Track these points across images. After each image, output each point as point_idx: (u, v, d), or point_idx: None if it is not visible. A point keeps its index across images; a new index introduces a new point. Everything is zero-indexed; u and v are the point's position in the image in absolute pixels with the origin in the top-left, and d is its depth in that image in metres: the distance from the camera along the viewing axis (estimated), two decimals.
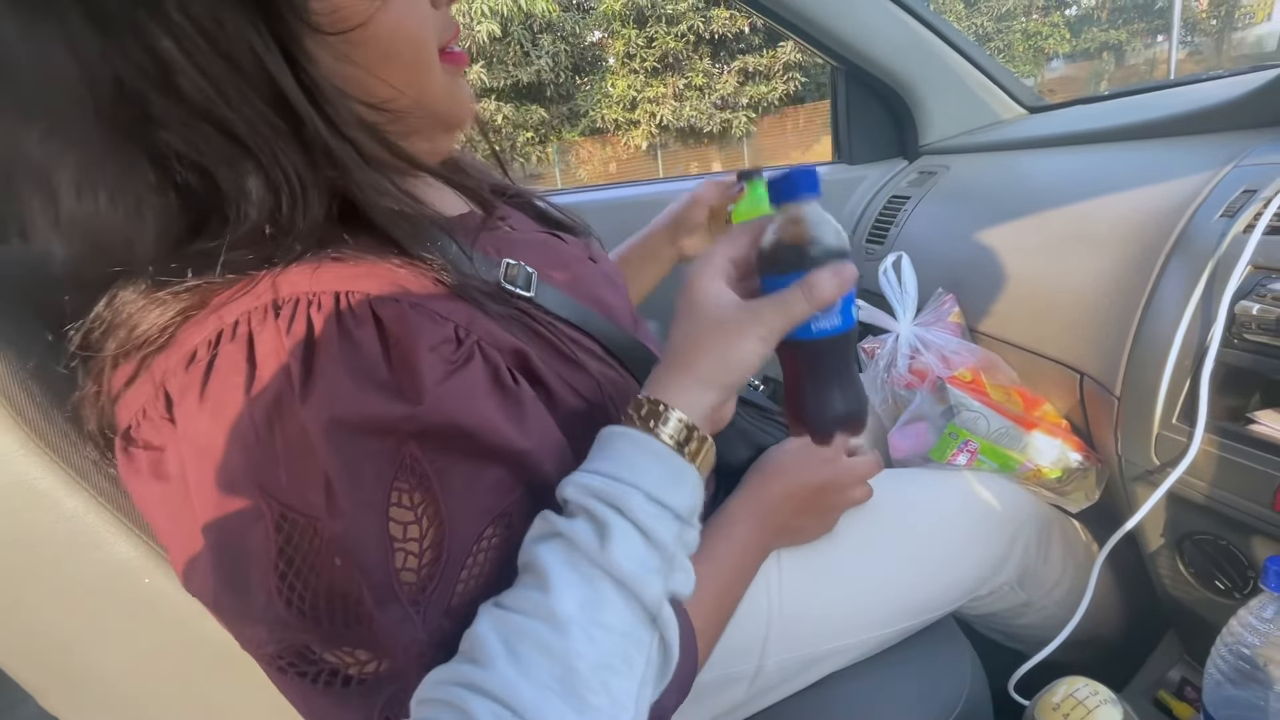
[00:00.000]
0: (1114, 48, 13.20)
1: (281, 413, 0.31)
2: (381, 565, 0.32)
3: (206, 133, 0.32)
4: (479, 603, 0.33)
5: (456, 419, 0.33)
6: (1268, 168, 0.57)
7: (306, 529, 0.31)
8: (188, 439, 0.32)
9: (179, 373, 0.32)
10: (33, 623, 0.39)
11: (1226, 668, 0.47)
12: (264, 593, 0.32)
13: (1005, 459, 0.71)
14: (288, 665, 0.33)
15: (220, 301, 0.33)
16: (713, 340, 0.37)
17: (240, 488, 0.32)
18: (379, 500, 0.32)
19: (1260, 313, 0.50)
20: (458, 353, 0.35)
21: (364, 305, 0.33)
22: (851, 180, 1.27)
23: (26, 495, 0.37)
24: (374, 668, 0.33)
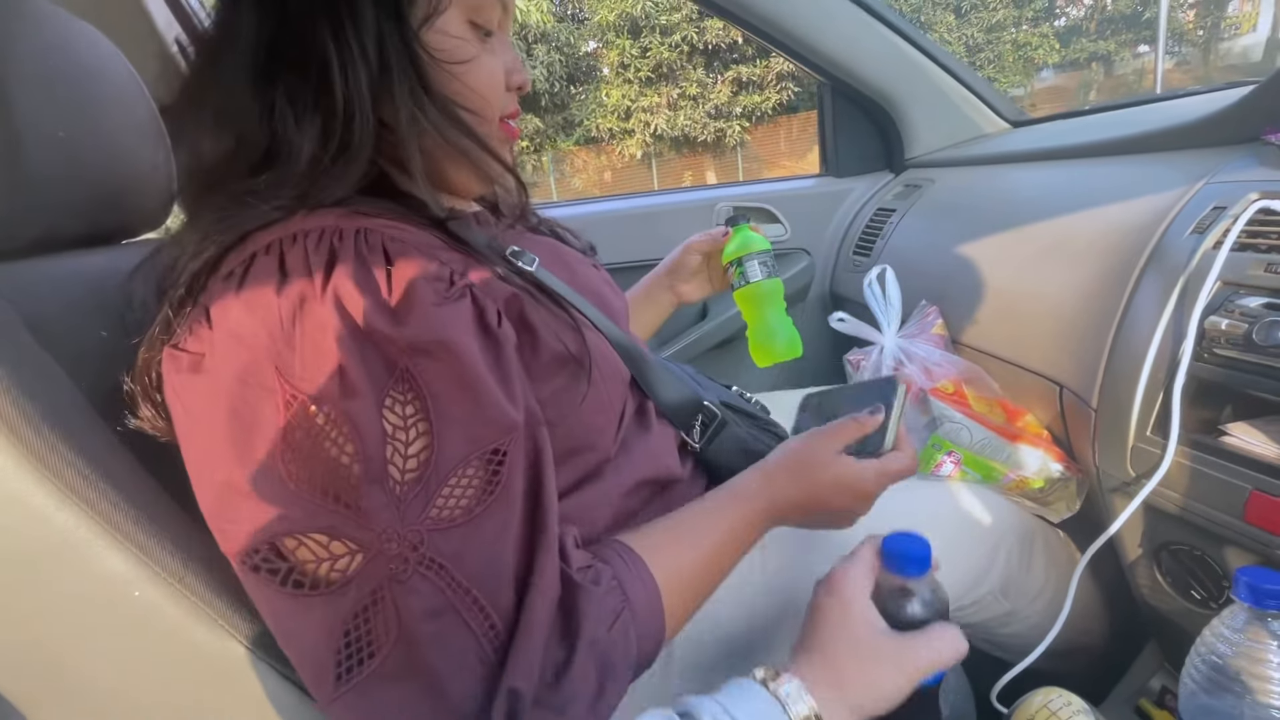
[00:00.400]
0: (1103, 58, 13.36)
1: (304, 309, 0.36)
2: (379, 443, 0.35)
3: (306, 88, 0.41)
4: (459, 524, 0.36)
5: (441, 337, 0.37)
6: (1236, 185, 0.59)
7: (313, 411, 0.35)
8: (220, 326, 0.37)
9: (217, 286, 0.38)
10: (24, 637, 0.39)
11: (1200, 677, 0.47)
12: (266, 462, 0.35)
13: (988, 469, 0.72)
14: (262, 561, 0.35)
15: (256, 235, 0.39)
16: (870, 670, 0.40)
17: (259, 367, 0.36)
18: (378, 396, 0.36)
19: (1229, 328, 0.51)
20: (450, 290, 0.40)
21: (377, 239, 0.40)
22: (839, 193, 1.29)
23: (18, 510, 0.37)
24: (346, 564, 0.35)
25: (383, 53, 0.42)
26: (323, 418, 0.35)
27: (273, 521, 0.35)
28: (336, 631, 0.35)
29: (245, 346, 0.36)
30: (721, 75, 12.03)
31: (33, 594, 0.39)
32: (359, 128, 0.42)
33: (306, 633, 0.35)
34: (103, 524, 0.38)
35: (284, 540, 0.35)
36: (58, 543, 0.38)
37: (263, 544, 0.35)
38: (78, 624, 0.39)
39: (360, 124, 0.42)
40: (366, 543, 0.35)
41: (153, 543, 0.40)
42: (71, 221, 0.52)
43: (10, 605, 0.39)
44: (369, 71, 0.42)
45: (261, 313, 0.36)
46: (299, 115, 0.41)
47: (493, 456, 0.38)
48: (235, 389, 0.36)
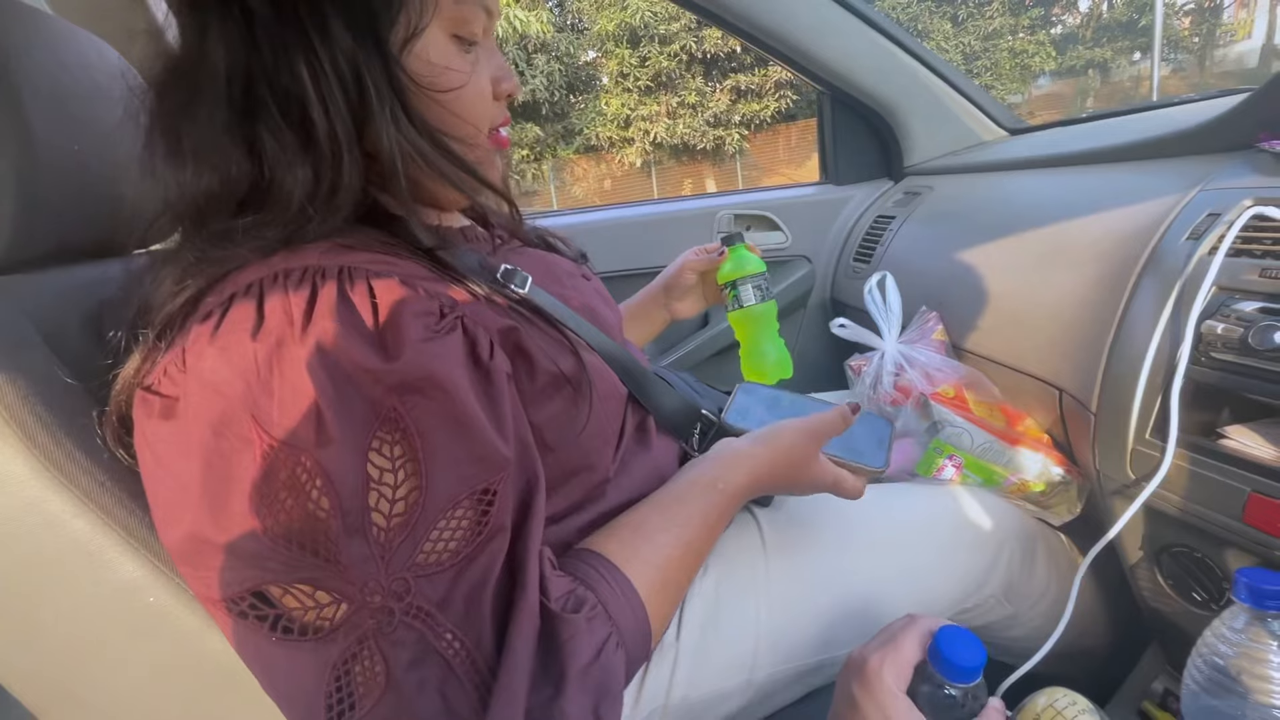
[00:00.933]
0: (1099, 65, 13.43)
1: (282, 354, 0.35)
2: (357, 495, 0.34)
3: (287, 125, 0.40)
4: (446, 568, 0.35)
5: (432, 373, 0.36)
6: (1230, 191, 0.60)
7: (290, 460, 0.34)
8: (195, 374, 0.35)
9: (194, 328, 0.37)
10: (40, 643, 0.40)
11: (1202, 678, 0.48)
12: (242, 516, 0.34)
13: (989, 473, 0.73)
14: (248, 609, 0.35)
15: (236, 274, 0.38)
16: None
17: (235, 417, 0.34)
18: (362, 441, 0.35)
19: (1225, 332, 0.52)
20: (440, 324, 0.39)
21: (361, 275, 0.38)
22: (839, 200, 1.30)
23: (37, 518, 0.38)
24: (331, 613, 0.34)
25: (360, 82, 0.40)
26: (300, 469, 0.34)
27: (254, 572, 0.34)
28: (326, 677, 0.34)
29: (221, 396, 0.35)
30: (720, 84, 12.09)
31: (48, 599, 0.39)
32: (348, 167, 0.40)
33: (296, 677, 0.34)
34: (118, 531, 0.39)
35: (269, 588, 0.34)
36: (73, 549, 0.38)
37: (247, 592, 0.35)
38: (92, 630, 0.40)
39: (349, 163, 0.40)
40: (350, 595, 0.34)
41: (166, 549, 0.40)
42: (86, 233, 0.53)
43: (25, 610, 0.39)
44: (349, 103, 0.40)
45: (237, 359, 0.35)
46: (285, 157, 0.40)
47: (483, 496, 0.37)
48: (210, 440, 0.34)
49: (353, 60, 0.40)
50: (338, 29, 0.39)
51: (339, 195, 0.40)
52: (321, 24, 0.39)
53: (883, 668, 0.41)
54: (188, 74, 0.40)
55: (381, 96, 0.40)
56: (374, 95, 0.40)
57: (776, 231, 1.29)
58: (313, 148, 0.40)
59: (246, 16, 0.39)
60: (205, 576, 0.35)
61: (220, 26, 0.39)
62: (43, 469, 0.38)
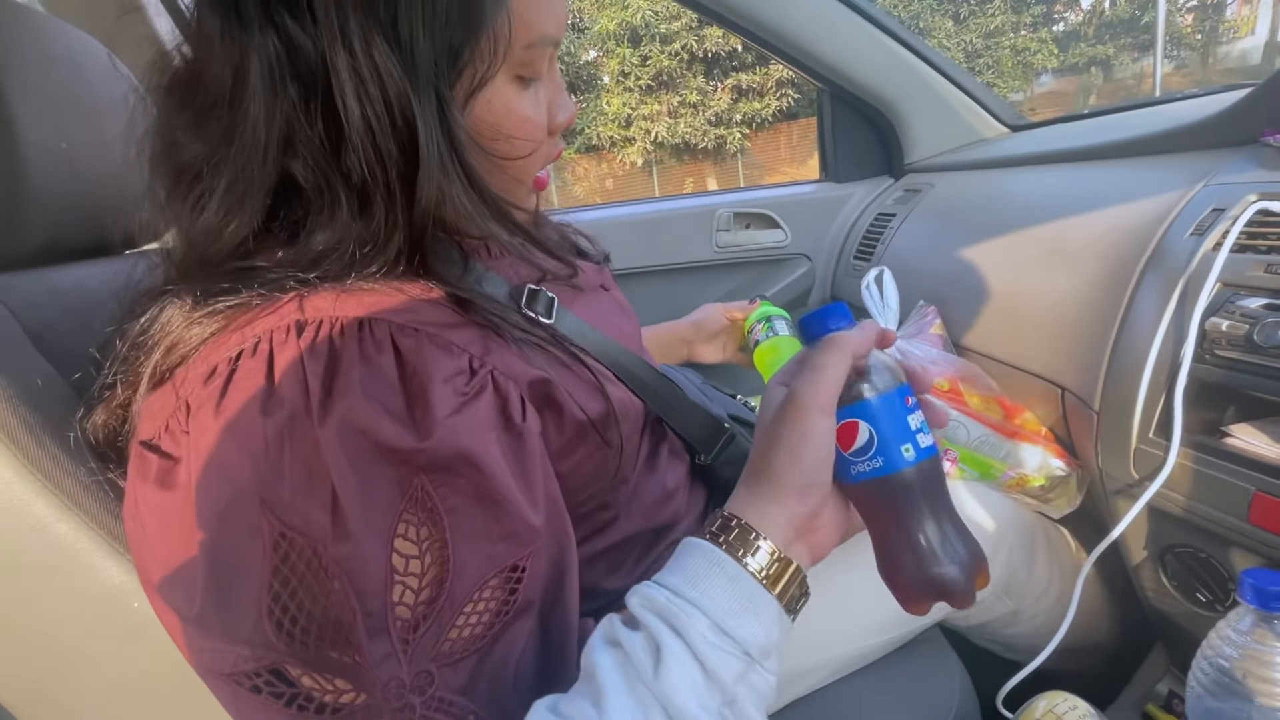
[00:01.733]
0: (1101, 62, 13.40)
1: (295, 431, 0.32)
2: (379, 594, 0.31)
3: (332, 180, 0.35)
4: (470, 653, 0.33)
5: (463, 450, 0.33)
6: (1234, 186, 0.59)
7: (305, 550, 0.31)
8: (197, 450, 0.32)
9: (198, 386, 0.33)
10: (23, 647, 0.39)
11: (1207, 680, 0.47)
12: (253, 611, 0.31)
13: (986, 467, 0.72)
14: (264, 684, 0.32)
15: (244, 321, 0.34)
16: (773, 437, 0.35)
17: (243, 502, 0.31)
18: (385, 528, 0.32)
19: (1229, 329, 0.51)
20: (470, 384, 0.36)
21: (384, 332, 0.34)
22: (839, 198, 1.29)
23: (19, 520, 0.37)
24: (350, 699, 0.32)
25: (413, 134, 0.35)
26: (316, 563, 0.31)
27: (270, 654, 0.32)
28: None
29: (227, 479, 0.32)
30: (721, 83, 12.08)
31: (31, 603, 0.39)
32: (386, 223, 0.36)
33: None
34: (103, 535, 0.39)
35: (286, 668, 0.32)
36: (57, 553, 0.38)
37: (264, 669, 0.32)
38: (76, 633, 0.39)
39: (390, 220, 0.36)
40: (369, 689, 0.32)
41: None
42: (74, 232, 0.53)
43: (8, 614, 0.39)
44: (403, 156, 0.35)
45: (245, 439, 0.32)
46: (324, 214, 0.36)
47: (511, 574, 0.35)
48: (214, 527, 0.32)
49: (408, 118, 0.35)
50: (391, 78, 0.34)
51: (375, 249, 0.36)
52: (374, 70, 0.34)
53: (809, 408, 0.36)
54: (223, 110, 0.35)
55: (431, 149, 0.36)
56: (424, 148, 0.35)
57: (776, 229, 1.29)
58: (355, 202, 0.36)
59: (290, 57, 0.34)
60: (206, 652, 0.33)
61: (260, 64, 0.34)
62: (27, 472, 0.38)
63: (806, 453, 0.34)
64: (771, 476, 0.35)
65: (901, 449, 0.35)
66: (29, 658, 0.40)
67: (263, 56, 0.34)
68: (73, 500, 0.38)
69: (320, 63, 0.34)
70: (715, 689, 0.30)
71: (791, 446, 0.34)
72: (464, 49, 0.36)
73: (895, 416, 0.35)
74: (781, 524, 0.34)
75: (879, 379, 0.36)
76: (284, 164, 0.35)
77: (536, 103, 0.41)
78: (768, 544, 0.34)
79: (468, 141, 0.37)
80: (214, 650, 0.33)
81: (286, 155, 0.35)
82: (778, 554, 0.34)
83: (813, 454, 0.34)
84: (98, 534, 0.38)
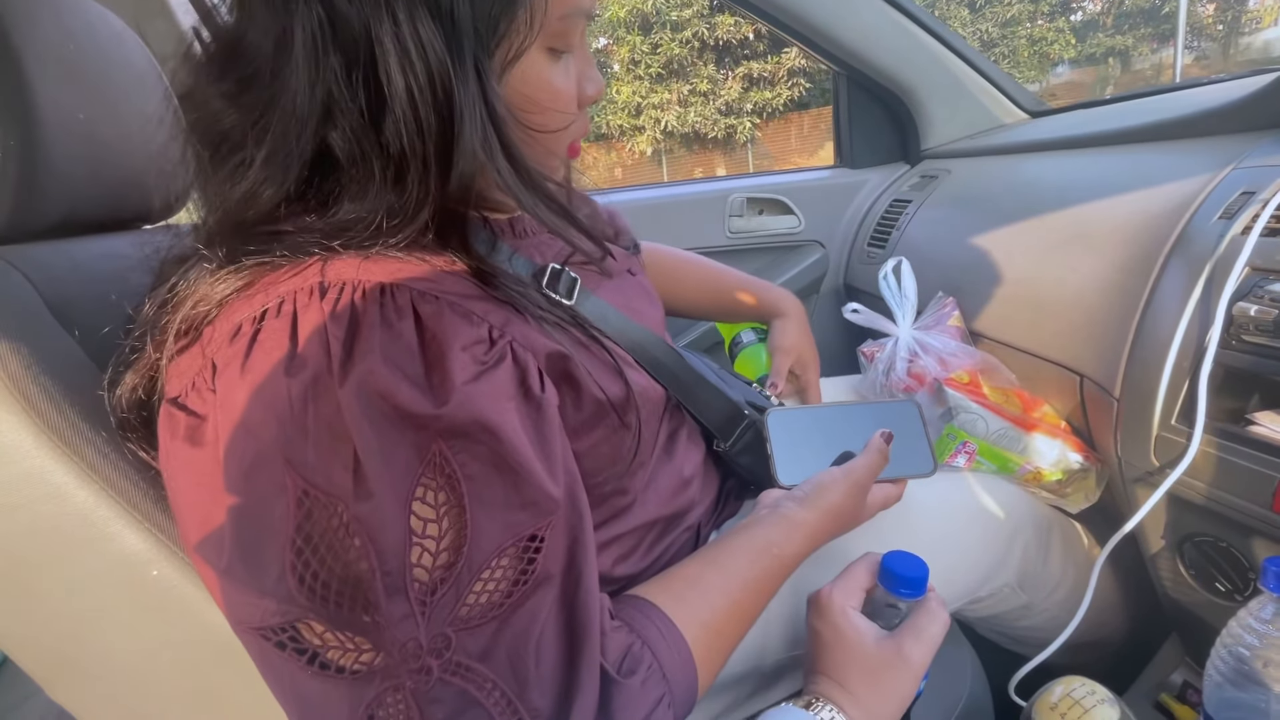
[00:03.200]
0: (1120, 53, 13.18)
1: (318, 391, 0.32)
2: (398, 554, 0.32)
3: (370, 148, 0.35)
4: (488, 620, 0.33)
5: (481, 416, 0.34)
6: (1266, 170, 0.58)
7: (327, 508, 0.32)
8: (224, 408, 0.33)
9: (224, 345, 0.34)
10: (43, 614, 0.40)
11: (1226, 669, 0.47)
12: (277, 566, 0.32)
13: (1004, 460, 0.71)
14: (288, 640, 0.33)
15: (269, 281, 0.35)
16: (878, 677, 0.42)
17: (268, 460, 0.32)
18: (404, 490, 0.32)
19: (1258, 314, 0.50)
20: (489, 353, 0.36)
21: (406, 298, 0.35)
22: (854, 184, 1.28)
23: (39, 488, 0.37)
24: (369, 659, 0.33)
25: (451, 104, 0.35)
26: (338, 521, 0.32)
27: (293, 609, 0.32)
28: (360, 714, 0.33)
29: (253, 438, 0.32)
30: (732, 71, 11.98)
31: (52, 571, 0.39)
32: (421, 194, 0.36)
33: (329, 710, 0.33)
34: (122, 503, 0.39)
35: (310, 625, 0.33)
36: (77, 520, 0.38)
37: (288, 624, 0.33)
38: (95, 601, 0.40)
39: (425, 191, 0.36)
40: (387, 649, 0.32)
41: (171, 522, 0.40)
42: (92, 204, 0.53)
43: (28, 581, 0.39)
44: (441, 127, 0.35)
45: (270, 397, 0.32)
46: (359, 182, 0.36)
47: (529, 543, 0.35)
48: (241, 484, 0.33)
49: (447, 87, 0.35)
50: (433, 49, 0.34)
51: (404, 220, 0.37)
52: (418, 41, 0.34)
53: (833, 593, 0.46)
54: (264, 77, 0.35)
55: (473, 121, 0.36)
56: (464, 120, 0.36)
57: (790, 215, 1.28)
58: (390, 172, 0.36)
59: (334, 27, 0.34)
60: (236, 606, 0.34)
61: (304, 35, 0.34)
62: (46, 440, 0.38)
63: (906, 700, 0.43)
64: (876, 708, 0.42)
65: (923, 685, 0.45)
66: (49, 625, 0.40)
67: (306, 27, 0.34)
68: (92, 468, 0.38)
69: (364, 33, 0.34)
70: None
71: (900, 693, 0.43)
72: (502, 20, 0.36)
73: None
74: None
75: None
76: (322, 134, 0.36)
77: (567, 75, 0.42)
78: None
79: (505, 114, 0.37)
80: (243, 603, 0.33)
81: (325, 125, 0.35)
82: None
83: (908, 700, 0.43)
84: (116, 502, 0.38)
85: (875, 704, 0.42)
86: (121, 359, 0.39)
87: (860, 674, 0.43)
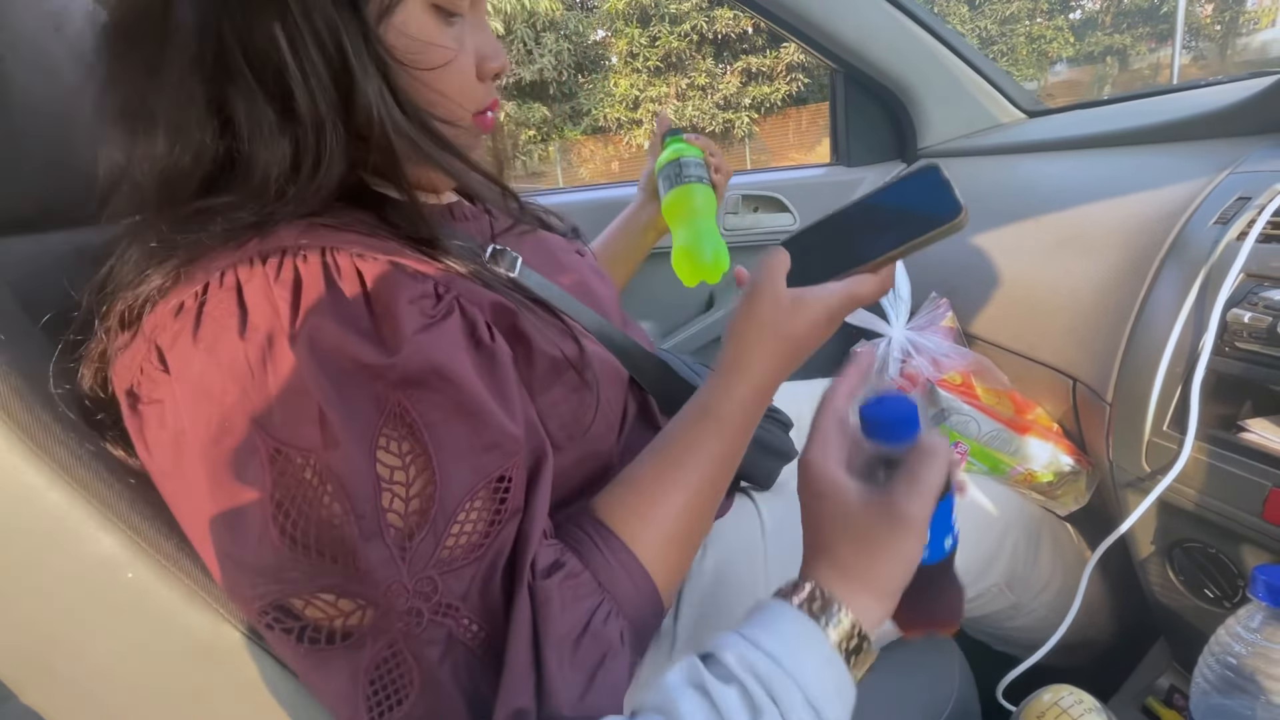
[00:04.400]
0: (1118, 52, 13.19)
1: (274, 351, 0.33)
2: (369, 498, 0.33)
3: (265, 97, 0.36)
4: (470, 561, 0.34)
5: (434, 364, 0.34)
6: (1262, 175, 0.57)
7: (300, 464, 0.32)
8: (182, 379, 0.33)
9: (168, 323, 0.34)
10: (14, 617, 0.39)
11: (1214, 676, 0.47)
12: (259, 524, 0.32)
13: (996, 462, 0.71)
14: (274, 621, 0.34)
15: (207, 260, 0.35)
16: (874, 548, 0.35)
17: (234, 424, 0.33)
18: (369, 439, 0.33)
19: (1252, 321, 0.50)
20: (436, 307, 0.37)
21: (347, 260, 0.35)
22: (850, 182, 1.27)
23: (10, 489, 0.36)
24: (358, 619, 0.33)
25: (342, 52, 0.36)
26: (310, 472, 0.32)
27: (275, 585, 0.33)
28: (361, 680, 0.33)
29: (215, 403, 0.33)
30: (731, 66, 11.95)
31: (23, 573, 0.38)
32: (331, 143, 0.37)
33: (332, 683, 0.34)
34: (96, 504, 0.38)
35: (291, 601, 0.34)
36: (49, 522, 0.37)
37: (270, 606, 0.34)
38: (69, 605, 0.39)
39: (332, 138, 0.37)
40: (374, 599, 0.33)
41: (146, 524, 0.39)
42: (69, 199, 0.51)
43: (2, 584, 0.38)
44: (332, 74, 0.37)
45: (227, 360, 0.33)
46: (262, 130, 0.36)
47: (498, 484, 0.36)
48: (212, 450, 0.33)
49: (332, 28, 0.36)
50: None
51: (321, 174, 0.37)
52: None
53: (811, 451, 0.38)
54: (153, 31, 0.36)
55: (365, 69, 0.37)
56: (357, 67, 0.37)
57: (785, 213, 1.27)
58: (293, 121, 0.37)
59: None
60: (235, 594, 0.35)
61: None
62: (17, 440, 0.37)
63: (913, 564, 0.36)
64: (877, 578, 0.35)
65: (944, 542, 0.38)
66: (23, 628, 0.39)
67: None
68: (64, 469, 0.37)
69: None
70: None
71: (905, 560, 0.36)
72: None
73: (945, 514, 0.38)
74: (875, 614, 0.36)
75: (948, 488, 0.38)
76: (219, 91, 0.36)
77: (459, 40, 0.42)
78: (869, 642, 0.35)
79: (387, 58, 0.38)
80: (237, 582, 0.34)
81: (220, 79, 0.36)
82: (868, 643, 0.35)
83: (915, 563, 0.36)
84: (90, 503, 0.37)
85: (872, 575, 0.35)
86: (70, 351, 0.39)
87: (850, 544, 0.36)
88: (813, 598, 0.35)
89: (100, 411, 0.39)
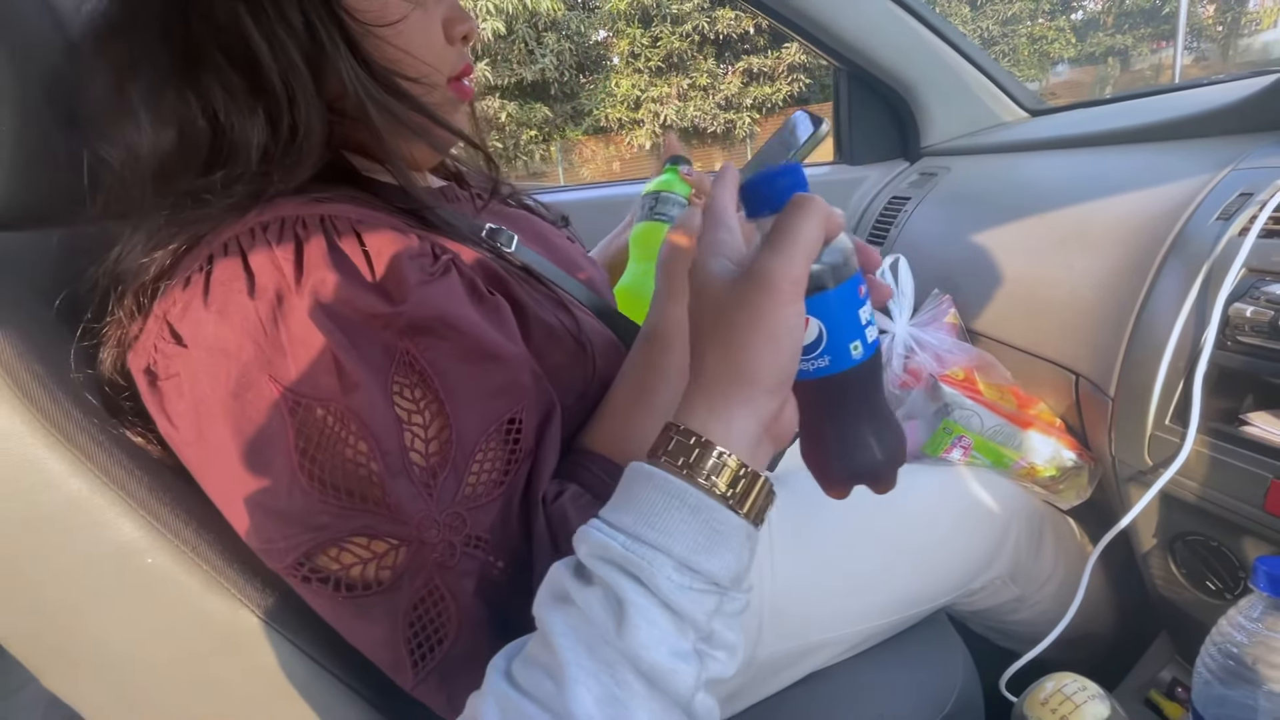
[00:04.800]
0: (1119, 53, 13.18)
1: (284, 308, 0.34)
2: (393, 435, 0.34)
3: (236, 71, 0.37)
4: (495, 498, 0.36)
5: (441, 311, 0.36)
6: (1264, 171, 0.58)
7: (320, 415, 0.33)
8: (196, 343, 0.34)
9: (177, 297, 0.35)
10: (37, 602, 0.39)
11: (1215, 666, 0.47)
12: (287, 473, 0.33)
13: (999, 456, 0.72)
14: (310, 573, 0.35)
15: (210, 237, 0.36)
16: (741, 327, 0.28)
17: (253, 380, 0.34)
18: (385, 383, 0.34)
19: (1254, 315, 0.50)
20: (435, 265, 0.38)
21: (346, 224, 0.37)
22: (853, 181, 1.27)
23: (34, 476, 0.37)
24: (392, 560, 0.34)
25: (308, 21, 0.38)
26: (331, 418, 0.33)
27: (308, 533, 0.34)
28: (400, 624, 0.34)
29: (232, 359, 0.34)
30: (732, 66, 11.95)
31: (45, 559, 0.39)
32: (305, 112, 0.38)
33: (372, 630, 0.35)
34: (116, 490, 0.38)
35: (326, 549, 0.34)
36: (71, 508, 0.38)
37: (305, 557, 0.34)
38: (89, 590, 0.39)
39: (306, 107, 0.38)
40: (406, 535, 0.34)
41: (166, 511, 0.40)
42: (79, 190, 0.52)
43: (23, 569, 0.39)
44: (297, 43, 0.37)
45: (238, 319, 0.34)
46: (236, 104, 0.37)
47: (510, 425, 0.37)
48: (233, 406, 0.34)
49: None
50: None
51: (300, 141, 0.38)
52: None
53: (681, 245, 0.41)
54: (125, 26, 0.38)
55: (331, 36, 0.38)
56: (323, 34, 0.38)
57: None
58: (265, 92, 0.37)
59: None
60: (270, 550, 0.35)
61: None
62: (40, 427, 0.37)
63: (787, 343, 0.28)
64: (741, 374, 0.28)
65: (850, 347, 0.30)
66: (43, 614, 0.40)
67: None
68: (86, 456, 0.38)
69: None
70: (689, 631, 0.27)
71: (773, 336, 0.28)
72: None
73: (848, 310, 0.30)
74: (751, 428, 0.29)
75: (838, 265, 0.30)
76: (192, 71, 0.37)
77: (422, 6, 0.43)
78: (734, 460, 0.28)
79: (347, 18, 0.39)
80: (267, 536, 0.35)
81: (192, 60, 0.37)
82: (745, 469, 0.28)
83: (792, 343, 0.28)
84: (110, 489, 0.38)
85: (740, 373, 0.28)
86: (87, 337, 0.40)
87: (716, 343, 0.29)
88: (674, 446, 0.28)
89: (119, 395, 0.39)
